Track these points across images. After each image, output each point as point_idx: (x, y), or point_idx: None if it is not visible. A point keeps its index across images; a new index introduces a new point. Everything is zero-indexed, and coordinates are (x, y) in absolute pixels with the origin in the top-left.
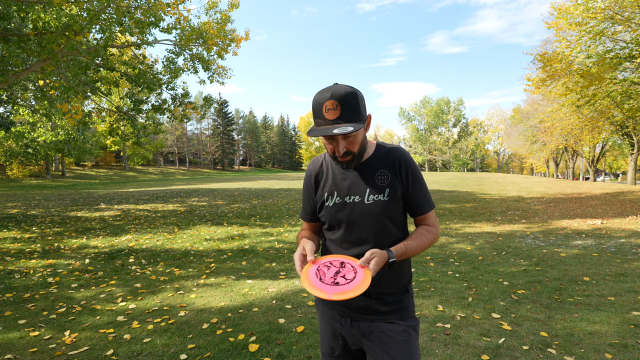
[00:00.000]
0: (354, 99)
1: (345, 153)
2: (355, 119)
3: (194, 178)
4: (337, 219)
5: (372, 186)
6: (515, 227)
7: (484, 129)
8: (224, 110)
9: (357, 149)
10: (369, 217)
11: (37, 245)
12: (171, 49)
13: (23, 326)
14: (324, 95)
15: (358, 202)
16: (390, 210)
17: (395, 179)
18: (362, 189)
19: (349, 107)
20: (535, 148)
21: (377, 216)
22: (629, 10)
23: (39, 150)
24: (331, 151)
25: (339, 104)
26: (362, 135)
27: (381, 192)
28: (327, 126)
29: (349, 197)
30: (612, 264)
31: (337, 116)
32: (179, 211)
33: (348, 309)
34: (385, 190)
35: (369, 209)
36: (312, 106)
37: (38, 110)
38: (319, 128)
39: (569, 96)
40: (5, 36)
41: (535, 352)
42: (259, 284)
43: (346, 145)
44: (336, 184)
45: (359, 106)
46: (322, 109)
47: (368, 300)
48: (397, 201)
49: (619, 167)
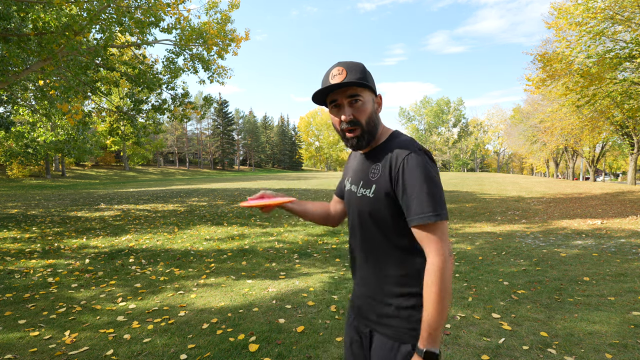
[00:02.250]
0: (362, 68)
1: (352, 122)
2: (361, 82)
3: (194, 178)
4: (346, 207)
5: (365, 179)
6: (515, 227)
7: (484, 129)
8: (224, 110)
9: (364, 119)
10: (357, 214)
11: (37, 245)
12: (171, 49)
13: (23, 326)
14: (331, 67)
15: (354, 192)
16: (375, 211)
17: (385, 175)
18: (358, 180)
19: (355, 71)
20: (535, 148)
21: (364, 214)
22: (629, 10)
23: (39, 150)
24: (337, 123)
25: (344, 69)
26: (371, 106)
27: (369, 187)
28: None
29: (353, 185)
30: (612, 264)
31: (343, 79)
32: (179, 211)
33: (359, 316)
34: (372, 186)
35: (358, 204)
36: (321, 84)
37: (38, 110)
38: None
39: (569, 96)
40: (5, 36)
41: (535, 352)
42: (259, 284)
43: (353, 113)
44: (352, 169)
45: (367, 75)
46: (329, 77)
47: (368, 307)
48: (385, 202)
49: (619, 167)
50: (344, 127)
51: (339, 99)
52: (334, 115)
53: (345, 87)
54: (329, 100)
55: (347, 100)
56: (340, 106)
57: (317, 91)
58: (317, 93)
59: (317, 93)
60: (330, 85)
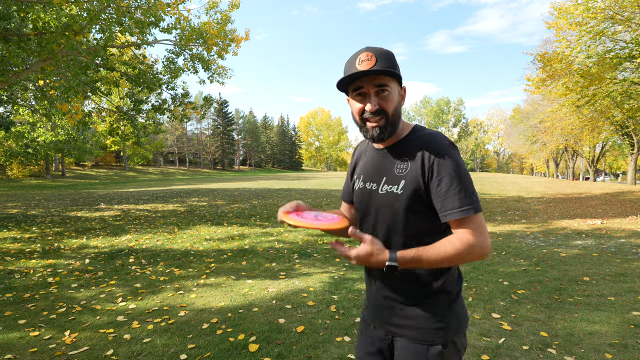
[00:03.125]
0: (392, 55)
1: (378, 111)
2: (393, 70)
3: (194, 178)
4: (358, 206)
5: (390, 175)
6: (515, 227)
7: (484, 129)
8: (224, 110)
9: (391, 109)
10: (381, 211)
11: (37, 245)
12: (171, 49)
13: (23, 326)
14: (358, 51)
15: (374, 190)
16: (405, 208)
17: (416, 171)
18: (380, 177)
19: (385, 59)
20: (535, 148)
21: (389, 212)
22: (629, 10)
23: (39, 150)
24: (359, 111)
25: (374, 55)
26: (397, 97)
27: (396, 183)
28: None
29: (369, 183)
30: (612, 264)
31: (372, 66)
32: (179, 211)
33: (374, 321)
34: (400, 183)
35: (382, 201)
36: (344, 68)
37: (38, 110)
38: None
39: (569, 96)
40: (5, 36)
41: (535, 352)
42: (259, 284)
43: (379, 102)
44: (365, 166)
45: (396, 64)
46: (356, 62)
47: (388, 312)
48: (415, 198)
49: (619, 167)
50: (368, 116)
51: (366, 87)
52: (356, 103)
53: (374, 74)
54: (353, 87)
55: (374, 90)
56: (366, 95)
57: (343, 77)
58: (344, 79)
59: (344, 79)
60: (359, 72)
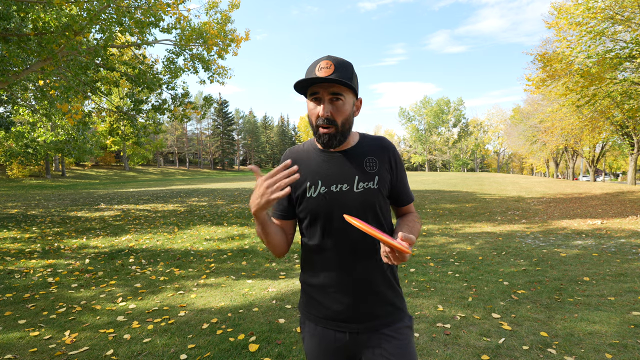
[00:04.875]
0: (350, 67)
1: (328, 120)
2: (348, 82)
3: (194, 178)
4: (316, 212)
5: (362, 173)
6: (515, 227)
7: (484, 129)
8: (224, 110)
9: (341, 119)
10: (360, 209)
11: (37, 245)
12: (171, 49)
13: (23, 326)
14: (318, 58)
15: (346, 190)
16: (380, 200)
17: (383, 166)
18: (351, 176)
19: (343, 70)
20: (535, 148)
21: (368, 206)
22: (629, 10)
23: (39, 150)
24: (314, 117)
25: (333, 64)
26: (350, 107)
27: (370, 180)
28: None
29: (335, 185)
30: (612, 264)
31: (329, 74)
32: (179, 211)
33: (346, 323)
34: (375, 178)
35: (356, 198)
36: (305, 72)
37: (38, 110)
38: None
39: (569, 96)
40: (5, 36)
41: (535, 352)
42: (259, 284)
43: (332, 110)
44: (319, 172)
45: (353, 75)
46: (315, 68)
47: (367, 305)
48: (385, 190)
49: (619, 167)
50: (320, 122)
51: (321, 93)
52: (312, 107)
53: (330, 82)
54: (311, 91)
55: (328, 97)
56: (321, 100)
57: (300, 80)
58: (300, 82)
59: (300, 82)
60: (315, 78)
